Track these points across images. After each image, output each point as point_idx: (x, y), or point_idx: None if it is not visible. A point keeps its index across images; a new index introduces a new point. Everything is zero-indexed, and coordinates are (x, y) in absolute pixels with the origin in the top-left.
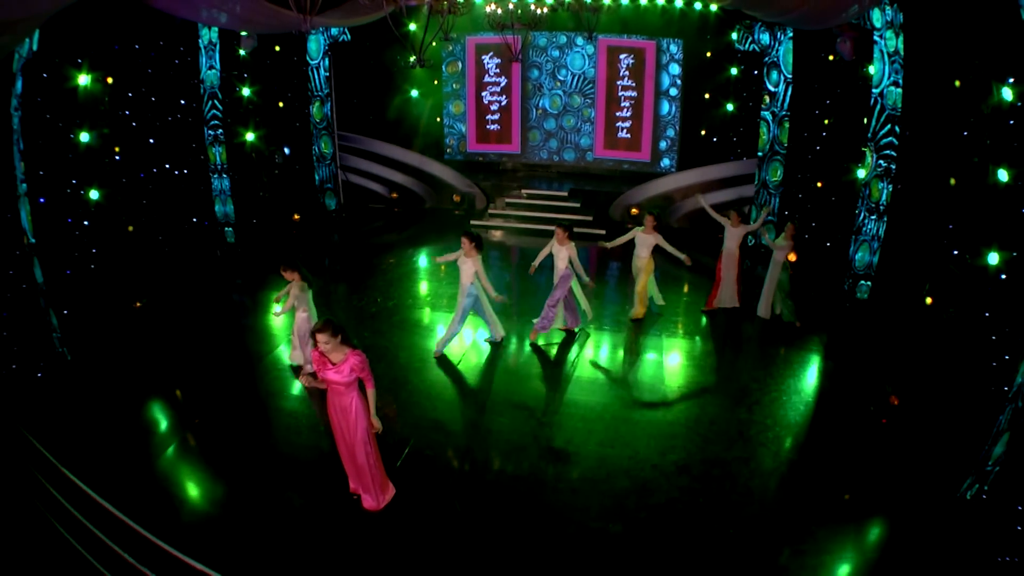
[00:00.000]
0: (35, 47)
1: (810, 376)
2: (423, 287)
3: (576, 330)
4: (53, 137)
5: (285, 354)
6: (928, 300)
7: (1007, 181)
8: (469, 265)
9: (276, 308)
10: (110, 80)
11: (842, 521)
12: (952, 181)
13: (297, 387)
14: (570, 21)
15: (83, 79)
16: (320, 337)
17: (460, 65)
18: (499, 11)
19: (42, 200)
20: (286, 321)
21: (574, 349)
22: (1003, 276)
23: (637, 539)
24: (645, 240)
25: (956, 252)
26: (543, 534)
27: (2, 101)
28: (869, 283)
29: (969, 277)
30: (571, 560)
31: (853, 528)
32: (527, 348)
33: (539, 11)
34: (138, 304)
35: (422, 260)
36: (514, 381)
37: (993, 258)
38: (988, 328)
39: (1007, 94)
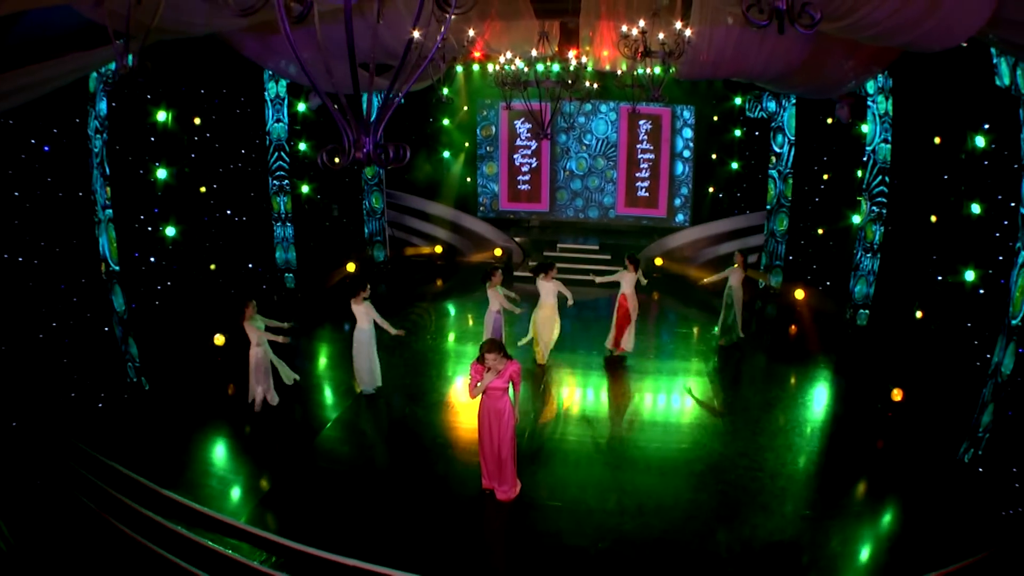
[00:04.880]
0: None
1: (826, 388)
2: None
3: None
4: (123, 167)
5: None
6: (919, 314)
7: (979, 213)
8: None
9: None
10: (197, 121)
11: (867, 487)
12: (933, 218)
13: (354, 415)
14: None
15: (161, 115)
16: (490, 356)
17: (494, 129)
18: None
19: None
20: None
21: (635, 374)
22: (981, 291)
23: (719, 501)
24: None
25: (940, 278)
26: (660, 495)
27: (71, 122)
28: (867, 311)
29: (951, 294)
30: (678, 510)
31: (877, 492)
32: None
33: (591, 85)
34: (222, 340)
35: (451, 308)
36: (596, 398)
37: (970, 275)
38: (970, 333)
39: (980, 141)
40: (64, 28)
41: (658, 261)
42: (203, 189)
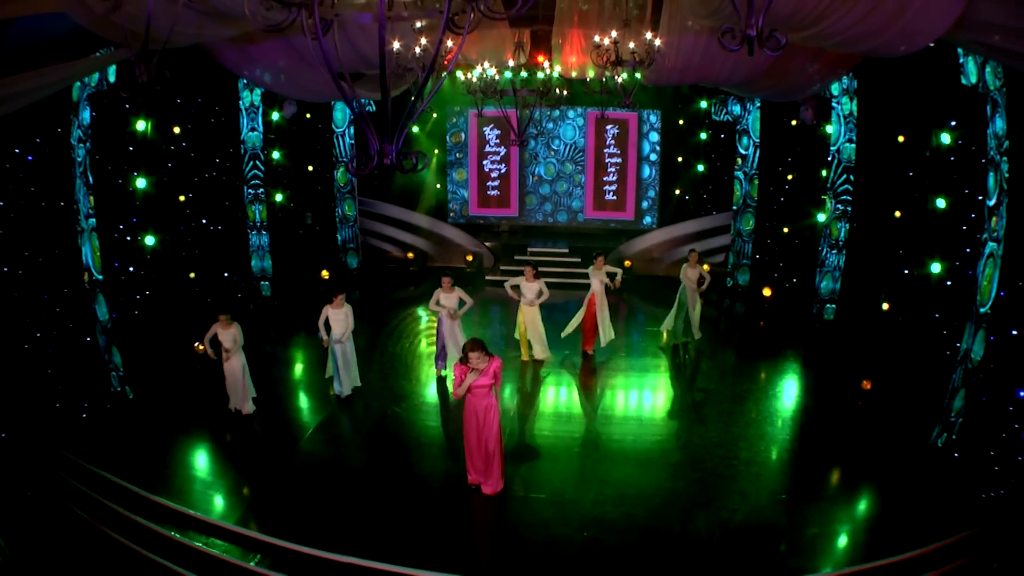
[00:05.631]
0: (111, 79)
1: (796, 380)
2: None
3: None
4: (104, 176)
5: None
6: (885, 306)
7: (944, 207)
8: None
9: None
10: (177, 130)
11: (841, 472)
12: (898, 214)
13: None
14: (582, 98)
15: (140, 125)
16: (473, 355)
17: (463, 136)
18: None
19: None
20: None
21: (608, 371)
22: (948, 283)
23: (697, 489)
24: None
25: (906, 271)
26: (639, 484)
27: (54, 131)
28: (834, 306)
29: (918, 286)
30: (657, 498)
31: (851, 476)
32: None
33: (561, 92)
34: (200, 348)
35: (424, 313)
36: (571, 395)
37: (936, 268)
38: (938, 323)
39: (946, 138)
40: (55, 35)
41: (627, 263)
42: (181, 198)
